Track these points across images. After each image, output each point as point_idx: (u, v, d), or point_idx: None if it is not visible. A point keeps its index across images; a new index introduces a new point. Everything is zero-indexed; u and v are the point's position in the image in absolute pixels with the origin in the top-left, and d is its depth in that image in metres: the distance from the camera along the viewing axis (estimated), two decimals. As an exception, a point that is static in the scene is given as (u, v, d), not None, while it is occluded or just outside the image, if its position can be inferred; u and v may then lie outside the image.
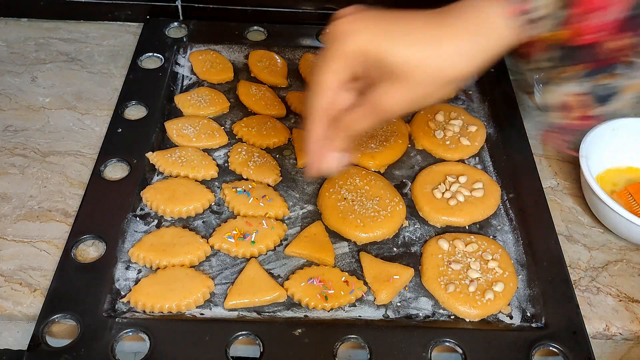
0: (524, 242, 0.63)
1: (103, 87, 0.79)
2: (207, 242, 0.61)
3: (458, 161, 0.72)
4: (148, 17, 0.88)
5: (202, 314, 0.56)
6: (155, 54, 0.82)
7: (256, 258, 0.61)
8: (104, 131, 0.72)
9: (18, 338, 0.59)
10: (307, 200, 0.67)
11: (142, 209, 0.65)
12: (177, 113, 0.75)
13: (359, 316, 0.57)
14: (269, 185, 0.67)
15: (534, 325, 0.57)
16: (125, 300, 0.56)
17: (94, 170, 0.67)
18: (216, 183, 0.68)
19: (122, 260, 0.60)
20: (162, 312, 0.56)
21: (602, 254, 0.65)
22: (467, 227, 0.66)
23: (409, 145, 0.74)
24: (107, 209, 0.63)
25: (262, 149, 0.71)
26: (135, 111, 0.74)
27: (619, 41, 0.42)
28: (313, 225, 0.64)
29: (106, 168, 0.67)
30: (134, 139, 0.70)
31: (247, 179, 0.68)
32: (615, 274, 0.63)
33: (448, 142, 0.73)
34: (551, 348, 0.55)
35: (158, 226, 0.63)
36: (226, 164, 0.70)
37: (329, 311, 0.57)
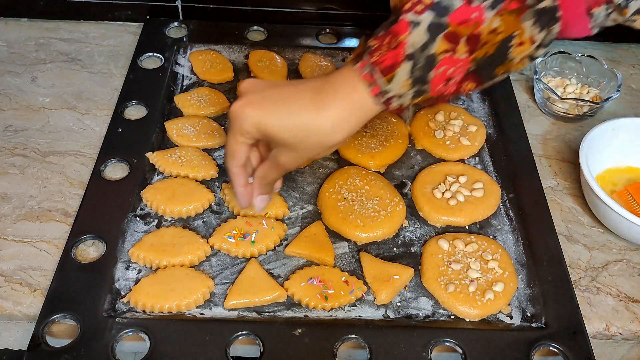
0: (524, 242, 0.63)
1: (103, 87, 0.79)
2: (207, 242, 0.61)
3: (458, 161, 0.72)
4: (148, 17, 0.88)
5: (202, 314, 0.56)
6: (155, 54, 0.82)
7: (256, 258, 0.61)
8: (104, 131, 0.72)
9: (18, 338, 0.59)
10: (307, 200, 0.67)
11: (142, 209, 0.65)
12: (177, 113, 0.75)
13: (359, 316, 0.57)
14: (269, 185, 0.67)
15: (534, 325, 0.57)
16: (125, 300, 0.56)
17: (94, 170, 0.67)
18: (216, 183, 0.68)
19: (122, 260, 0.60)
20: (162, 312, 0.56)
21: (602, 254, 0.65)
22: (467, 227, 0.66)
23: (409, 145, 0.74)
24: (107, 209, 0.63)
25: (262, 149, 0.71)
26: (135, 111, 0.74)
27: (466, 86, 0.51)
28: (313, 225, 0.64)
29: (106, 168, 0.67)
30: (134, 139, 0.70)
31: (247, 179, 0.68)
32: (615, 274, 0.63)
33: (448, 142, 0.73)
34: (551, 348, 0.55)
35: (158, 226, 0.63)
36: (226, 164, 0.70)
37: (329, 311, 0.57)
